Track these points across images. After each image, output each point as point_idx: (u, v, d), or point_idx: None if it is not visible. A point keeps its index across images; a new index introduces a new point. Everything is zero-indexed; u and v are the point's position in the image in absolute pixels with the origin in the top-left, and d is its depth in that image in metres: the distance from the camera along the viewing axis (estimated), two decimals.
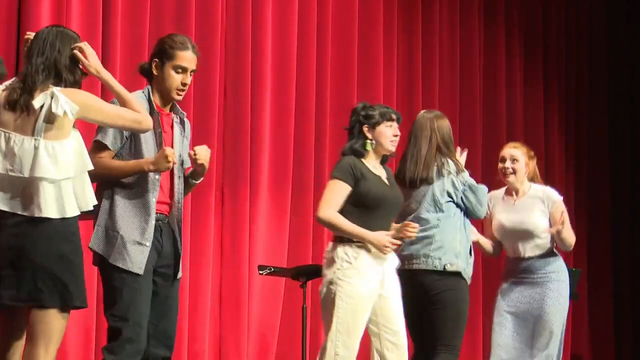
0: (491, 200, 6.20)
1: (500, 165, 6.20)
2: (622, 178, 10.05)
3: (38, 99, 4.03)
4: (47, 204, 4.00)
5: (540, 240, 6.11)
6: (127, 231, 4.41)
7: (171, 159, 4.40)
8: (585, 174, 9.65)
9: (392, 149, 5.30)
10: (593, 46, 9.95)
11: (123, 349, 4.37)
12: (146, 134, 4.46)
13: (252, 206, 6.94)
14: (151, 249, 4.46)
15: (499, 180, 6.26)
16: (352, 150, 5.27)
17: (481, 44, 8.83)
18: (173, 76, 4.56)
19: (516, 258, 6.15)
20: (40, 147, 4.01)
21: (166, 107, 4.61)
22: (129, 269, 4.40)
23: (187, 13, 6.68)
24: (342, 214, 5.14)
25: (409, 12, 8.25)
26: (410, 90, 8.17)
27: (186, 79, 4.58)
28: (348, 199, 5.16)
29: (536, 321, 6.06)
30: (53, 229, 4.02)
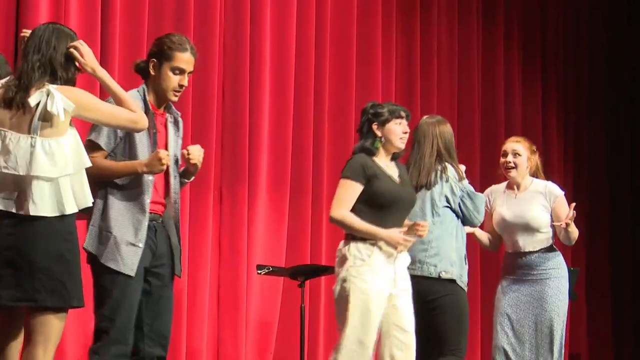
0: (492, 193, 6.21)
1: (502, 159, 6.20)
2: (622, 179, 10.05)
3: (34, 96, 4.03)
4: (43, 202, 4.00)
5: (541, 235, 6.11)
6: (120, 232, 4.41)
7: (165, 161, 4.39)
8: (584, 175, 9.65)
9: (401, 146, 5.31)
10: (592, 48, 9.95)
11: (108, 350, 4.38)
12: (140, 134, 4.46)
13: (251, 206, 6.94)
14: (145, 249, 4.46)
15: (500, 174, 6.26)
16: (362, 149, 5.28)
17: (480, 46, 8.84)
18: (170, 77, 4.55)
19: (515, 253, 6.15)
20: (37, 145, 4.01)
21: (161, 107, 4.61)
22: (121, 270, 4.40)
23: (186, 13, 6.68)
24: (355, 213, 5.15)
25: (408, 14, 8.25)
26: (408, 92, 8.17)
27: (183, 80, 4.57)
28: (360, 198, 5.17)
29: (537, 319, 6.06)
30: (51, 228, 4.02)
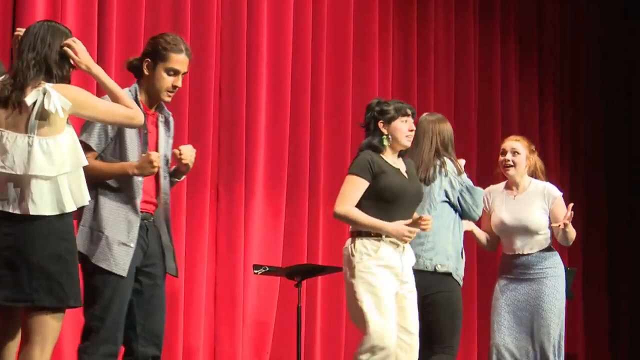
0: (490, 194, 6.21)
1: (501, 157, 6.20)
2: (618, 175, 10.04)
3: (30, 95, 4.01)
4: (42, 201, 3.99)
5: (539, 237, 6.11)
6: (112, 232, 4.39)
7: (156, 164, 4.38)
8: (581, 171, 9.64)
9: (407, 144, 5.32)
10: (589, 43, 9.93)
11: (97, 350, 4.36)
12: (131, 134, 4.45)
13: (247, 205, 6.92)
14: (136, 248, 4.44)
15: (497, 172, 6.26)
16: (369, 146, 5.29)
17: (476, 41, 8.82)
18: (165, 78, 4.53)
19: (513, 254, 6.15)
20: (35, 144, 3.99)
21: (152, 106, 4.58)
22: (113, 270, 4.38)
23: (182, 10, 6.65)
24: (362, 208, 5.17)
25: (405, 9, 8.23)
26: (405, 88, 8.15)
27: (177, 81, 4.56)
28: (368, 193, 5.19)
29: (534, 318, 6.06)
30: (50, 227, 4.00)
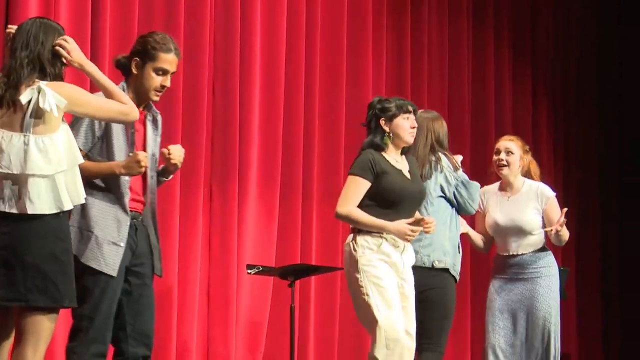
0: (485, 195, 6.21)
1: (495, 157, 6.21)
2: (610, 177, 10.08)
3: (25, 94, 3.99)
4: (40, 200, 3.97)
5: (533, 238, 6.12)
6: (101, 231, 4.39)
7: (143, 163, 4.37)
8: (574, 172, 9.66)
9: (410, 140, 5.32)
10: (581, 46, 9.96)
11: (87, 350, 4.36)
12: (118, 133, 4.44)
13: (241, 204, 6.90)
14: (125, 248, 4.43)
15: (491, 172, 6.27)
16: (371, 145, 5.28)
17: (470, 45, 8.82)
18: (153, 77, 4.52)
19: (507, 254, 6.15)
20: (31, 143, 3.98)
21: (140, 105, 4.55)
22: (102, 270, 4.37)
23: (176, 10, 6.63)
24: (364, 209, 5.18)
25: (398, 11, 8.22)
26: (399, 89, 8.13)
27: (166, 81, 4.54)
28: (369, 194, 5.18)
29: (528, 318, 6.06)
30: (46, 226, 3.99)
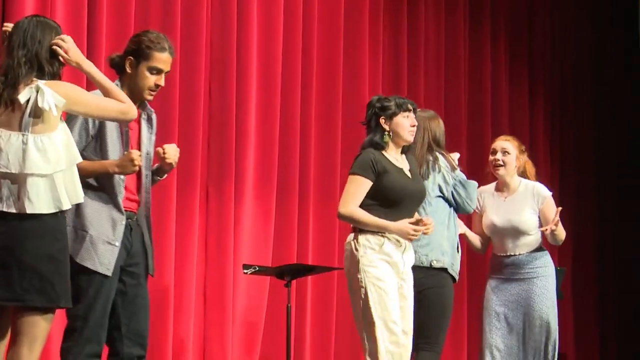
0: (481, 195, 6.21)
1: (491, 157, 6.21)
2: (607, 178, 10.09)
3: (23, 93, 3.97)
4: (39, 199, 3.96)
5: (530, 238, 6.12)
6: (96, 231, 4.37)
7: (137, 162, 4.35)
8: (570, 174, 9.67)
9: (410, 139, 5.31)
10: (579, 48, 9.99)
11: (83, 350, 4.34)
12: (112, 132, 4.42)
13: (237, 205, 6.89)
14: (120, 247, 4.42)
15: (488, 172, 6.27)
16: (371, 144, 5.26)
17: (466, 44, 8.82)
18: (147, 77, 4.50)
19: (504, 254, 6.15)
20: (29, 142, 3.96)
21: (135, 104, 4.50)
22: (97, 269, 4.36)
23: (172, 10, 6.62)
24: (365, 208, 5.16)
25: (395, 9, 8.22)
26: (396, 89, 8.12)
27: (160, 80, 4.53)
28: (370, 193, 5.17)
29: (525, 318, 6.06)
30: (45, 226, 3.97)
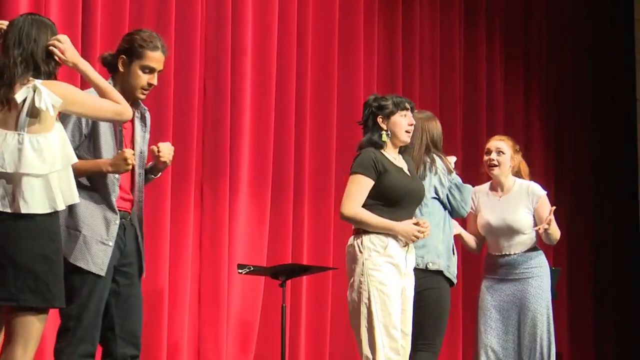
0: (476, 195, 6.21)
1: (486, 157, 6.21)
2: (603, 178, 10.10)
3: (20, 92, 3.96)
4: (34, 199, 3.94)
5: (525, 237, 6.12)
6: (89, 230, 4.35)
7: (130, 161, 4.33)
8: (566, 174, 9.68)
9: (407, 139, 5.28)
10: (575, 48, 9.99)
11: (76, 350, 4.32)
12: (105, 131, 4.40)
13: (232, 203, 6.88)
14: (114, 247, 4.40)
15: (483, 172, 6.27)
16: (370, 143, 5.23)
17: (461, 44, 8.82)
18: (140, 75, 4.48)
19: (499, 254, 6.15)
20: (25, 142, 3.94)
21: (127, 102, 4.51)
22: (90, 269, 4.34)
23: (167, 8, 6.60)
24: (366, 208, 5.13)
25: (390, 8, 8.21)
26: (391, 89, 8.12)
27: (153, 79, 4.51)
28: (371, 193, 5.13)
29: (520, 318, 6.06)
30: (39, 226, 3.96)
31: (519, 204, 6.14)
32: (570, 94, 9.90)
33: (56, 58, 4.09)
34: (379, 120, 5.23)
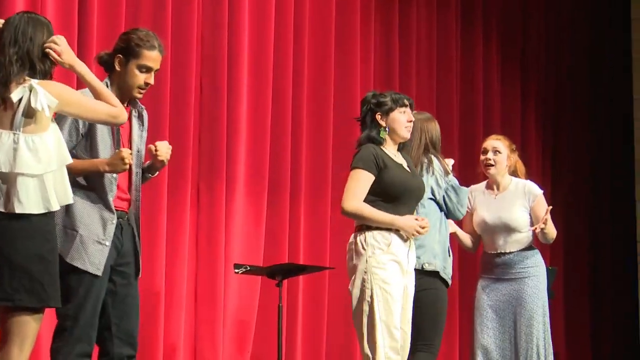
0: (472, 193, 6.20)
1: (482, 157, 6.21)
2: (601, 179, 10.09)
3: (16, 92, 3.94)
4: (28, 199, 3.92)
5: (521, 235, 6.12)
6: (86, 230, 4.33)
7: (127, 160, 4.32)
8: (563, 175, 9.68)
9: (406, 135, 5.25)
10: (573, 50, 10.00)
11: (73, 349, 4.31)
12: (102, 130, 4.39)
13: (228, 203, 6.87)
14: (111, 247, 4.38)
15: (479, 172, 6.27)
16: (369, 139, 5.20)
17: (458, 44, 8.82)
18: (137, 75, 4.46)
19: (494, 253, 6.14)
20: (20, 142, 3.93)
21: (124, 101, 4.49)
22: (87, 269, 4.32)
23: (163, 6, 6.59)
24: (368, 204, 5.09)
25: (386, 7, 8.20)
26: (387, 88, 8.01)
27: (149, 78, 4.49)
28: (370, 189, 5.10)
29: (516, 318, 6.05)
30: (33, 226, 3.94)
31: (515, 202, 6.14)
32: (568, 95, 9.91)
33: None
34: (378, 117, 5.20)
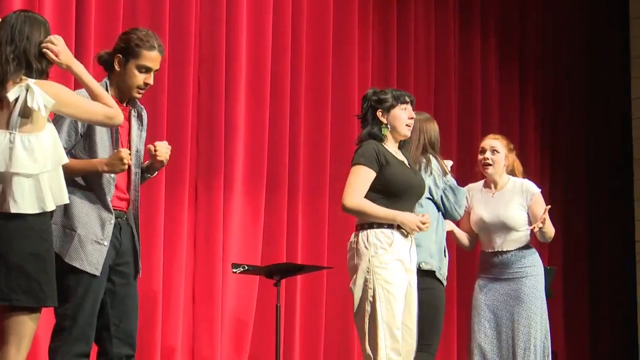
0: (469, 192, 6.20)
1: (480, 156, 6.20)
2: (598, 178, 10.09)
3: (12, 91, 3.93)
4: (23, 199, 3.92)
5: (518, 234, 6.11)
6: (84, 230, 4.33)
7: (126, 160, 4.31)
8: (561, 174, 9.67)
9: (407, 133, 5.22)
10: (571, 49, 9.99)
11: (70, 349, 4.31)
12: (101, 130, 4.38)
13: (226, 202, 6.86)
14: (109, 247, 4.38)
15: (477, 171, 6.27)
16: (370, 136, 5.17)
17: (456, 43, 8.81)
18: (136, 75, 4.46)
19: (492, 252, 6.14)
20: (16, 141, 3.92)
21: (124, 101, 4.51)
22: (85, 269, 4.32)
23: (161, 5, 6.59)
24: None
25: (384, 7, 8.20)
26: (385, 86, 8.05)
27: (149, 78, 4.49)
28: (371, 185, 5.07)
29: (514, 318, 6.05)
30: (29, 226, 3.94)
31: (513, 200, 6.14)
32: (566, 94, 9.90)
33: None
34: (379, 114, 5.17)
